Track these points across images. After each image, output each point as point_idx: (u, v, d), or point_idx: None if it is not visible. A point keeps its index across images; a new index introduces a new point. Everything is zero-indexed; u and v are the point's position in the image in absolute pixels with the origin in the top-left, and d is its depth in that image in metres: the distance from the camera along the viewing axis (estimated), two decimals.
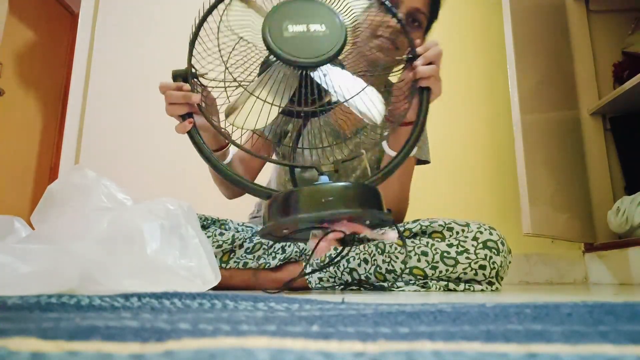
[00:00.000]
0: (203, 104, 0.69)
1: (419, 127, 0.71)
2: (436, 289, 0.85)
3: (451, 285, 0.85)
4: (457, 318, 0.30)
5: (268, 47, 0.61)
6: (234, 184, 0.66)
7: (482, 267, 0.83)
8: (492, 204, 1.68)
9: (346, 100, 0.63)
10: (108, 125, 1.72)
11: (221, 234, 0.95)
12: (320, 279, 0.92)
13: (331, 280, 0.92)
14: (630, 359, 0.19)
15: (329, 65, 0.63)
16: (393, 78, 0.90)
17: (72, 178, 0.73)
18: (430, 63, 0.77)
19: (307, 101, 0.62)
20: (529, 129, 1.37)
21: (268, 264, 0.94)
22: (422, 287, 0.86)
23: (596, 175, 1.66)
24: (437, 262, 0.84)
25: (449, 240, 0.85)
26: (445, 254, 0.83)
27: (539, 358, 0.19)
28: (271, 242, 0.96)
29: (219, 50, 0.65)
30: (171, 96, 0.70)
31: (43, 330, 0.23)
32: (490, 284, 0.85)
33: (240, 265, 0.94)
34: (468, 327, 0.27)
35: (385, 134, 0.81)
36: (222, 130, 0.65)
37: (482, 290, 0.84)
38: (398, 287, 0.87)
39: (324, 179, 0.64)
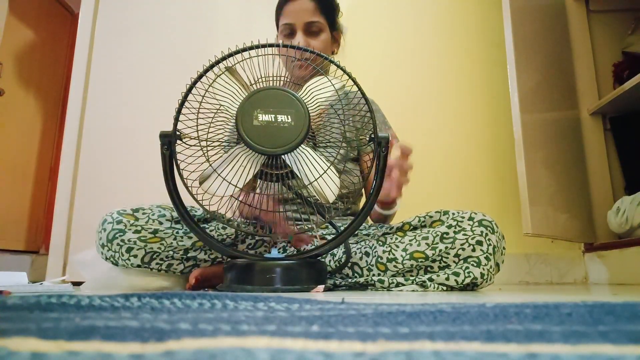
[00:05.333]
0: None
1: (361, 215, 0.82)
2: (434, 289, 0.86)
3: (451, 280, 0.84)
4: (457, 318, 0.30)
5: (239, 135, 0.72)
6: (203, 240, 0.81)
7: (479, 243, 0.85)
8: (492, 204, 1.68)
9: (310, 183, 0.75)
10: (108, 125, 1.72)
11: (224, 228, 0.95)
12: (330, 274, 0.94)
13: (331, 276, 0.93)
14: (630, 359, 0.19)
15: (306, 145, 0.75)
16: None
17: None
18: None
19: (272, 174, 0.76)
20: (529, 129, 1.37)
21: None
22: (421, 286, 0.87)
23: (596, 175, 1.66)
24: (436, 243, 0.87)
25: (447, 223, 0.88)
26: (444, 235, 0.87)
27: (539, 358, 0.19)
28: (272, 240, 0.98)
29: (197, 119, 0.75)
30: None
31: (43, 330, 0.23)
32: (488, 259, 0.85)
33: None
34: (468, 327, 0.27)
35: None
36: (190, 189, 0.75)
37: (481, 273, 0.84)
38: (387, 285, 0.87)
39: (274, 252, 0.80)
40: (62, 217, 1.64)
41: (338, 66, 0.79)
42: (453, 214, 0.90)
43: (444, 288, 0.86)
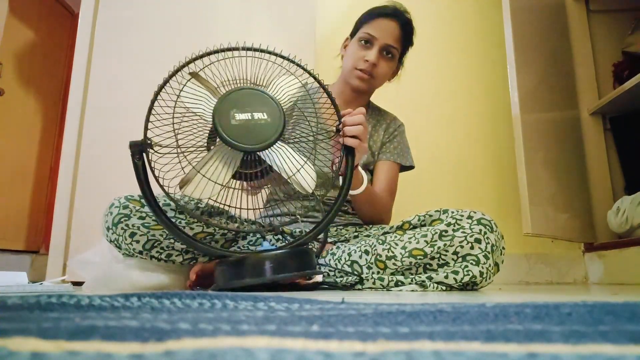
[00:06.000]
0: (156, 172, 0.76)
1: (347, 182, 0.84)
2: (433, 288, 0.86)
3: (450, 278, 0.84)
4: (457, 318, 0.30)
5: (219, 135, 0.73)
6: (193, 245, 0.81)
7: (478, 241, 0.85)
8: (492, 204, 1.68)
9: (288, 178, 0.77)
10: (108, 125, 1.72)
11: (226, 223, 0.96)
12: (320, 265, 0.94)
13: (331, 274, 0.93)
14: (630, 359, 0.19)
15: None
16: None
17: None
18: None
19: (252, 169, 0.77)
20: (529, 129, 1.37)
21: None
22: (421, 285, 0.87)
23: (596, 175, 1.66)
24: (435, 240, 0.87)
25: (446, 221, 0.89)
26: (443, 233, 0.87)
27: (539, 358, 0.19)
28: (273, 240, 0.99)
29: (173, 124, 0.75)
30: None
31: (43, 330, 0.23)
32: (486, 258, 0.85)
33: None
34: (468, 327, 0.27)
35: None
36: (170, 194, 0.75)
37: (480, 272, 0.84)
38: (387, 284, 0.88)
39: (266, 244, 0.81)
40: (62, 217, 1.64)
41: (302, 67, 0.83)
42: (452, 212, 0.90)
43: (444, 287, 0.86)
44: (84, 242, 1.56)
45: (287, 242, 0.96)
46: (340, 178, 0.87)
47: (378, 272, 0.89)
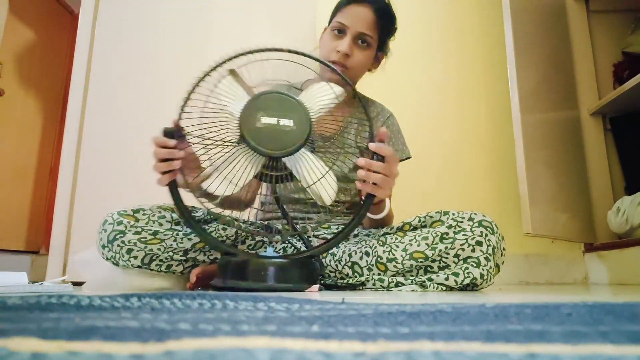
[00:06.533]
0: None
1: (355, 221, 0.83)
2: (434, 288, 0.86)
3: (451, 280, 0.84)
4: (457, 318, 0.30)
5: (241, 136, 0.74)
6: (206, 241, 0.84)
7: (479, 243, 0.85)
8: (492, 204, 1.68)
9: (308, 186, 0.78)
10: (108, 125, 1.72)
11: (224, 229, 0.96)
12: (322, 276, 0.93)
13: (332, 275, 0.93)
14: (630, 359, 0.19)
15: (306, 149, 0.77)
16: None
17: None
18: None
19: (273, 175, 0.78)
20: (529, 129, 1.37)
21: None
22: (421, 286, 0.87)
23: (596, 175, 1.66)
24: (436, 243, 0.86)
25: (447, 223, 0.88)
26: (444, 235, 0.87)
27: (539, 358, 0.19)
28: (269, 240, 0.98)
29: (201, 118, 0.76)
30: (157, 154, 0.80)
31: (43, 330, 0.23)
32: (487, 260, 0.85)
33: None
34: (468, 327, 0.27)
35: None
36: (195, 188, 0.77)
37: (480, 274, 0.84)
38: (387, 285, 0.88)
39: (270, 251, 0.81)
40: (62, 217, 1.64)
41: (343, 77, 0.81)
42: (453, 214, 0.90)
43: (444, 288, 0.86)
44: (84, 242, 1.56)
45: (299, 248, 0.97)
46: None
47: (379, 274, 0.89)
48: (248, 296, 0.41)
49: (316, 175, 0.78)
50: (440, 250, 0.86)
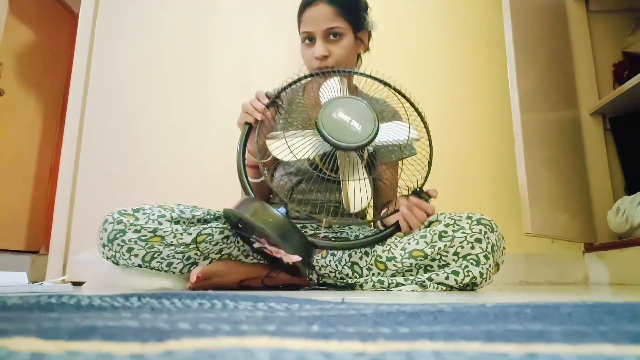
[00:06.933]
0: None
1: (375, 238, 0.92)
2: (433, 288, 0.86)
3: (451, 279, 0.84)
4: (457, 318, 0.30)
5: (316, 124, 0.85)
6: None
7: (478, 241, 0.85)
8: (492, 204, 1.68)
9: (342, 181, 0.87)
10: (108, 125, 1.72)
11: (221, 232, 0.95)
12: (322, 276, 0.93)
13: (332, 275, 0.93)
14: (630, 359, 0.19)
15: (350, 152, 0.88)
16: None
17: None
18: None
19: (326, 165, 0.89)
20: (529, 129, 1.37)
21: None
22: (421, 285, 0.87)
23: (596, 175, 1.66)
24: (435, 241, 0.87)
25: (445, 222, 0.89)
26: (442, 233, 0.87)
27: (539, 358, 0.19)
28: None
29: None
30: (250, 102, 0.94)
31: (43, 330, 0.23)
32: (487, 258, 0.85)
33: (242, 255, 0.96)
34: (468, 327, 0.27)
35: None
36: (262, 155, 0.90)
37: (480, 272, 0.84)
38: (387, 286, 0.88)
39: (282, 210, 0.86)
40: (62, 217, 1.64)
41: (419, 113, 0.95)
42: (450, 214, 0.91)
43: (443, 288, 0.86)
44: (84, 242, 1.56)
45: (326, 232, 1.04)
46: (379, 223, 0.99)
47: (379, 274, 0.89)
48: (248, 296, 0.41)
49: (358, 177, 0.87)
50: (439, 249, 0.86)
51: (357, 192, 0.87)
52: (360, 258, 0.91)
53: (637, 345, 0.21)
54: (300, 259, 0.81)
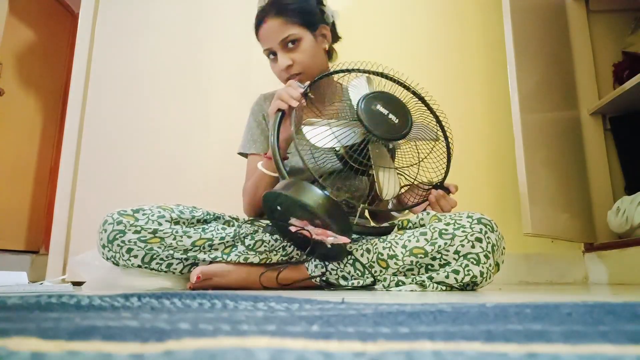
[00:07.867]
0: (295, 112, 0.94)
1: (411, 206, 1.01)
2: (433, 288, 0.86)
3: (451, 278, 0.84)
4: (457, 318, 0.30)
5: (357, 111, 0.90)
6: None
7: (479, 240, 0.85)
8: (492, 204, 1.68)
9: (371, 166, 0.90)
10: (108, 125, 1.72)
11: (223, 229, 0.96)
12: (324, 273, 0.93)
13: (334, 272, 0.93)
14: (630, 359, 0.19)
15: (381, 143, 0.93)
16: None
17: None
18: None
19: (357, 155, 0.91)
20: (529, 129, 1.37)
21: (269, 260, 0.97)
22: (421, 285, 0.87)
23: (596, 175, 1.66)
24: (435, 238, 0.86)
25: (445, 220, 0.89)
26: (443, 231, 0.87)
27: (539, 358, 0.19)
28: (272, 241, 0.98)
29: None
30: (286, 90, 0.95)
31: (43, 330, 0.23)
32: (487, 257, 0.85)
33: (241, 260, 0.95)
34: (468, 327, 0.27)
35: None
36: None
37: (480, 272, 0.84)
38: (388, 285, 0.88)
39: (326, 192, 0.87)
40: (62, 217, 1.64)
41: (436, 116, 1.06)
42: (450, 213, 0.91)
43: (444, 287, 0.86)
44: (84, 242, 1.56)
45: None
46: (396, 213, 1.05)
47: (380, 271, 0.89)
48: (248, 296, 0.41)
49: (384, 164, 0.92)
50: (439, 246, 0.86)
51: (389, 180, 0.91)
52: (362, 255, 0.91)
53: (637, 345, 0.21)
54: (349, 240, 0.82)
